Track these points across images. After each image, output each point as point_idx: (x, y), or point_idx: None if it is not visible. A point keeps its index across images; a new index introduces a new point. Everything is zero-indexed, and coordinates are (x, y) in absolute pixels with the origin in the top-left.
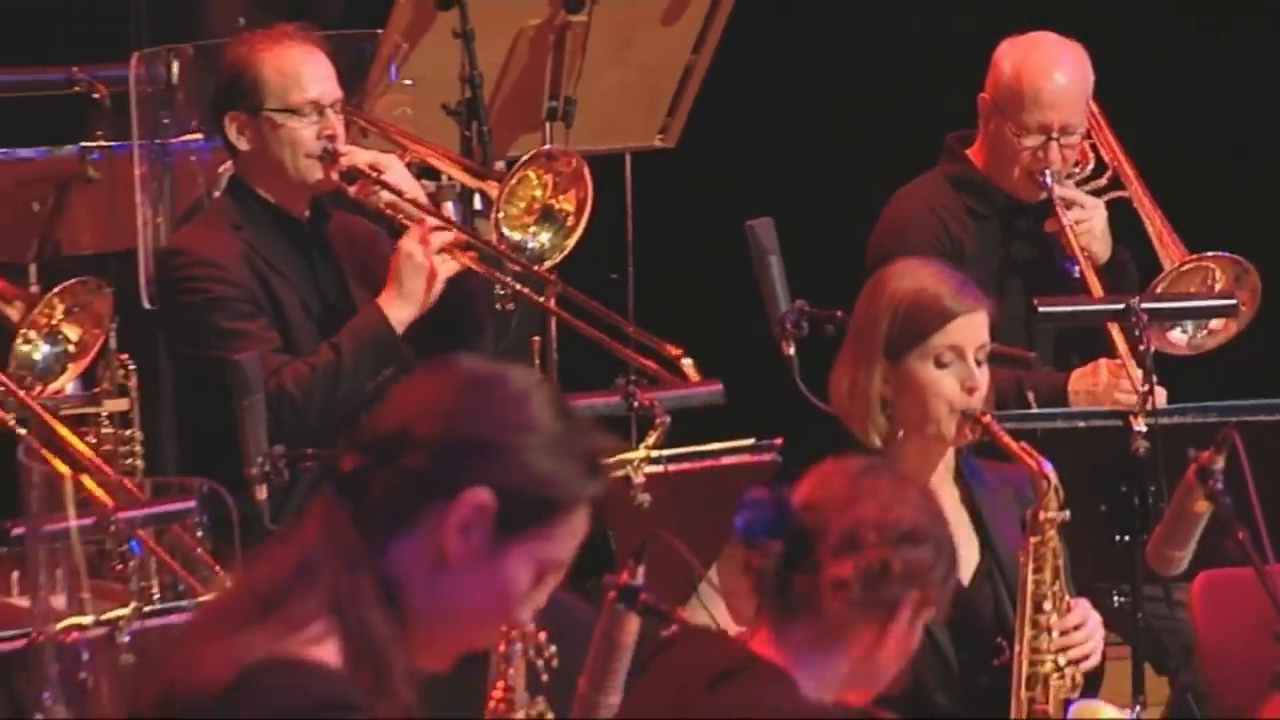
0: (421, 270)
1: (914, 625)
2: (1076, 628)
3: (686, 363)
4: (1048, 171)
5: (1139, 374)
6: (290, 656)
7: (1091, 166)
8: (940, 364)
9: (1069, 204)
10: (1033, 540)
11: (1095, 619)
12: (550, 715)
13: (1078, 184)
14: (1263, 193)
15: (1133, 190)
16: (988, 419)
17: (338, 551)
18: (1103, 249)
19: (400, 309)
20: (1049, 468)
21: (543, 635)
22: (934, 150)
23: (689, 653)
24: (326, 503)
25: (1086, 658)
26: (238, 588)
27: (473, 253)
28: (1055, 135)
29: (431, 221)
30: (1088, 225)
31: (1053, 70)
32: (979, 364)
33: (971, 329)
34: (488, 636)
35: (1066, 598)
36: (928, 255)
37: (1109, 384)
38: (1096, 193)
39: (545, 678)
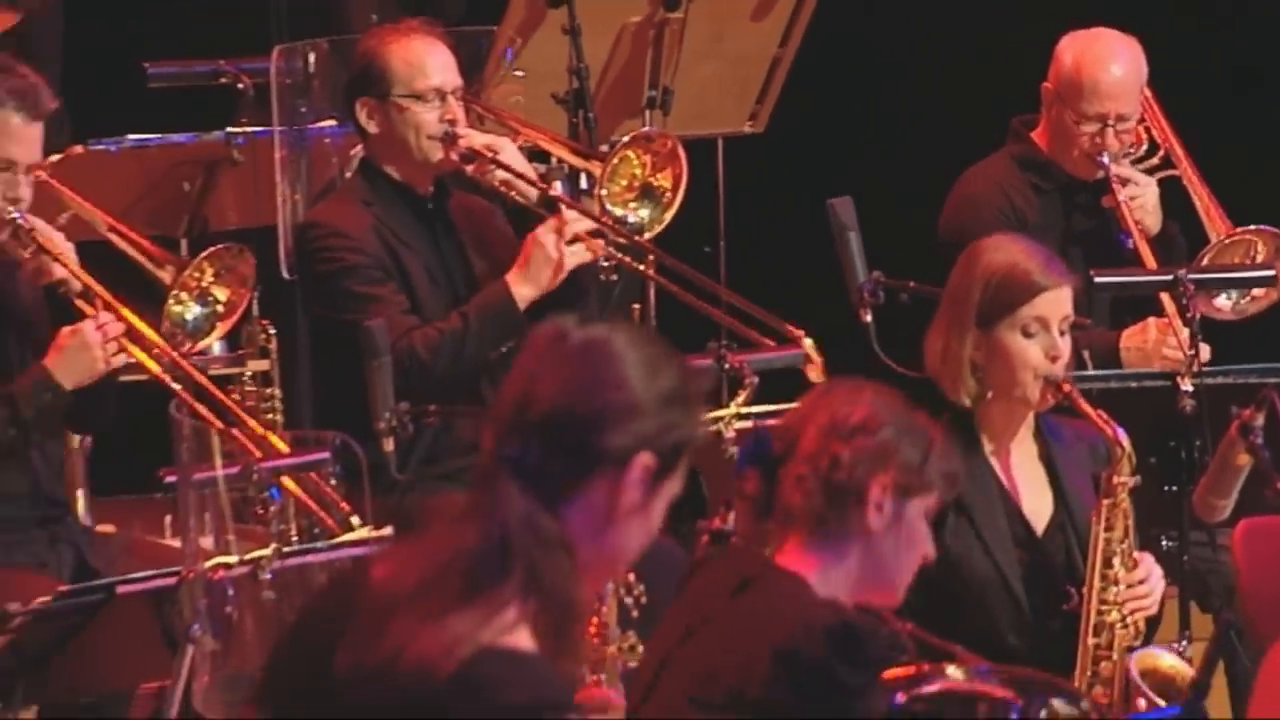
0: (551, 260)
1: (906, 514)
2: (1141, 582)
3: (776, 322)
4: (1105, 153)
5: (1185, 332)
6: (503, 648)
7: (1145, 147)
8: (1027, 334)
9: (1124, 181)
10: (1105, 502)
11: (1158, 574)
12: (640, 647)
13: (1133, 163)
14: None
15: (1182, 169)
16: (1069, 386)
17: (528, 531)
18: (1154, 222)
19: (525, 288)
20: (1123, 436)
21: (631, 575)
22: (998, 134)
23: (717, 569)
24: (507, 488)
25: (1147, 609)
26: (432, 569)
27: (601, 240)
28: (1111, 122)
29: (570, 214)
30: (1140, 201)
31: (1110, 64)
32: (1062, 334)
33: (1057, 302)
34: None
35: (1133, 554)
36: (995, 227)
37: (1157, 341)
38: (1149, 171)
39: (635, 614)
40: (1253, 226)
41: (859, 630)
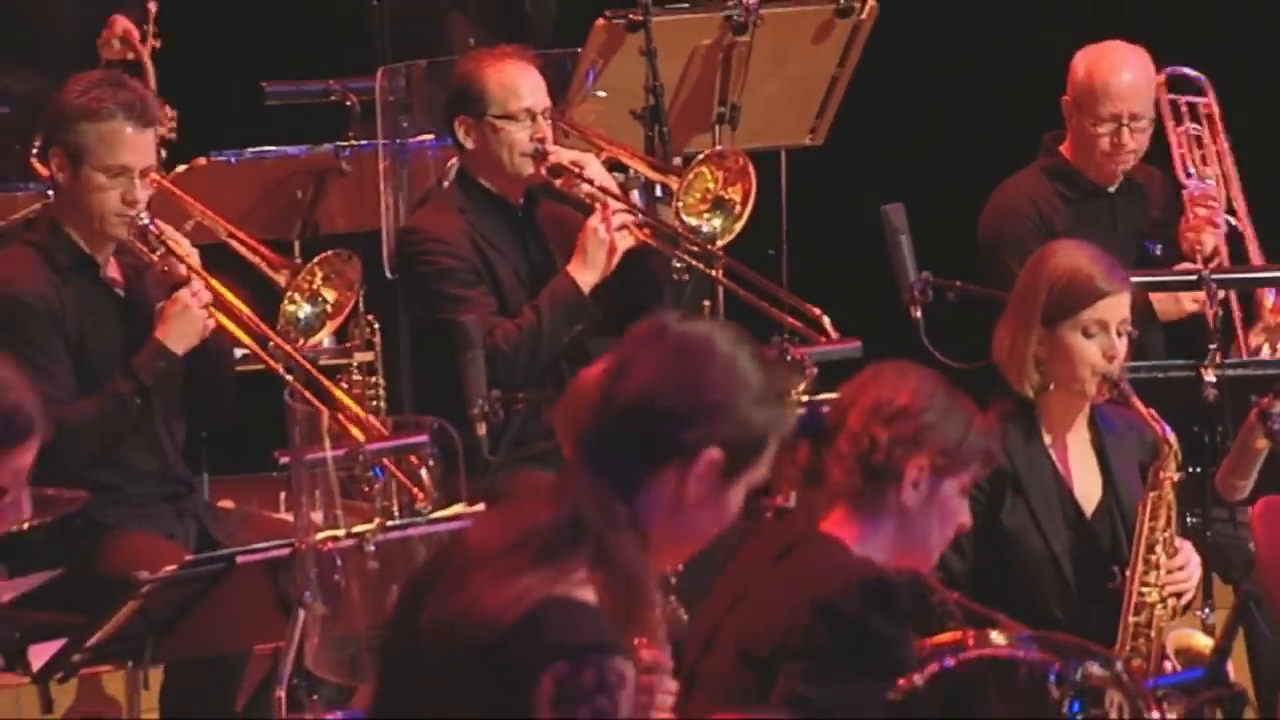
0: (603, 244)
1: (940, 490)
2: (1181, 568)
3: (826, 321)
4: (1124, 153)
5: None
6: (564, 597)
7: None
8: (1088, 334)
9: (1204, 201)
10: (1151, 494)
11: (1195, 561)
12: (683, 613)
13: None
14: None
15: (1233, 193)
16: (1124, 385)
17: (600, 511)
18: (1209, 248)
19: (585, 274)
20: (1171, 434)
21: None
22: (1035, 146)
23: (764, 538)
24: (586, 471)
25: (1186, 592)
26: (513, 537)
27: (647, 230)
28: (1125, 122)
29: (614, 205)
30: (1202, 242)
31: (1119, 68)
32: (1119, 335)
33: (1116, 307)
34: (704, 548)
35: (1174, 542)
36: (1024, 233)
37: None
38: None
39: (673, 580)
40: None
41: (892, 584)
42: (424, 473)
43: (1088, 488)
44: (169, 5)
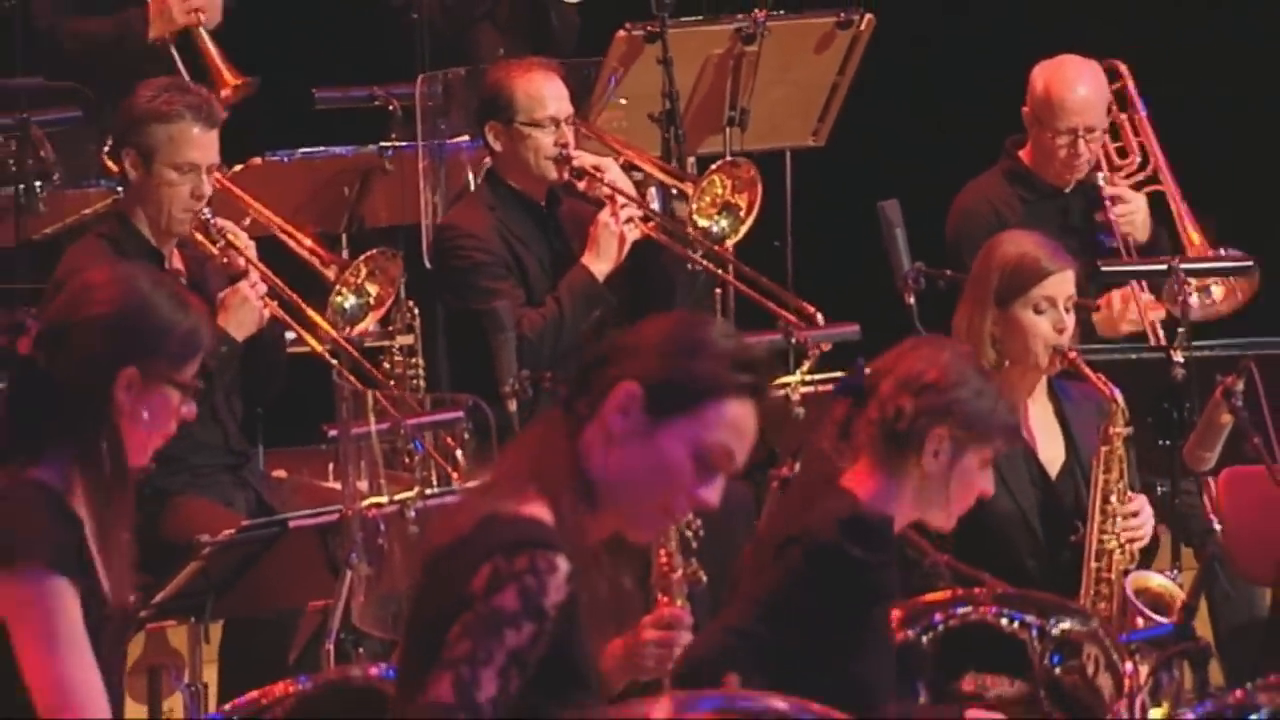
0: (614, 236)
1: (961, 460)
2: (1135, 515)
3: (820, 318)
4: (1100, 175)
5: (1146, 298)
6: (507, 512)
7: (1139, 160)
8: (1038, 311)
9: (1115, 199)
10: (1104, 449)
11: (1148, 510)
12: (703, 575)
13: (1127, 176)
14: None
15: (1165, 183)
16: (1073, 354)
17: (544, 441)
18: (1143, 234)
19: (599, 264)
20: (1118, 394)
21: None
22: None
23: (795, 490)
24: (550, 415)
25: (1140, 538)
26: (484, 478)
27: (652, 223)
28: (1081, 134)
29: (620, 200)
30: (1130, 217)
31: (1075, 85)
32: (1067, 310)
33: (1063, 284)
34: (667, 510)
35: (1129, 493)
36: (983, 234)
37: (1120, 310)
38: (1138, 186)
39: (695, 544)
40: (1222, 250)
41: (867, 517)
42: (459, 450)
43: (1051, 452)
44: (227, 19)
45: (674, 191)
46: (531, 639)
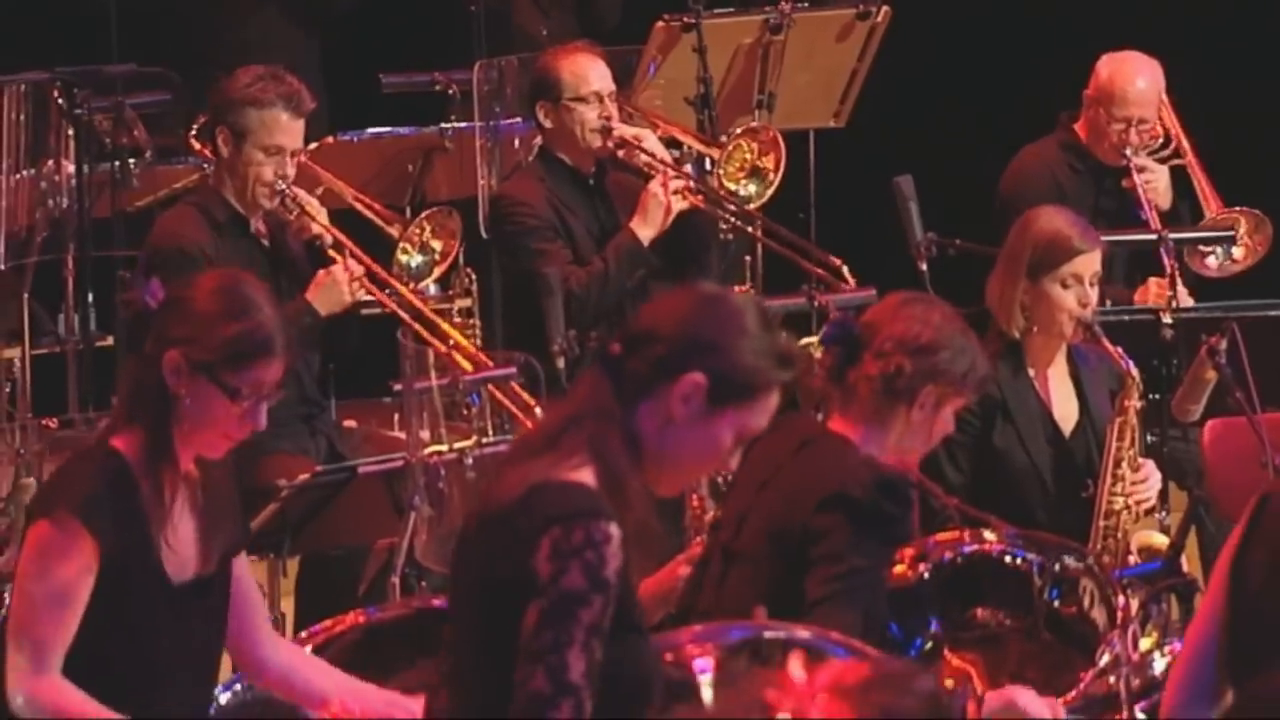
0: (661, 205)
1: (941, 410)
2: (1144, 481)
3: (845, 270)
4: (1128, 146)
5: (1182, 290)
6: (561, 479)
7: (1161, 140)
8: (1065, 286)
9: (1141, 169)
10: (1118, 419)
11: (1156, 476)
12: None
13: (1150, 154)
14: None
15: (1187, 159)
16: (1096, 328)
17: (598, 410)
18: (1165, 201)
19: (645, 230)
20: (1134, 369)
21: None
22: (1019, 129)
23: (779, 433)
24: (595, 376)
25: (1147, 500)
26: (530, 431)
27: (700, 196)
28: (1135, 124)
29: (671, 173)
30: (1154, 184)
31: (1136, 79)
32: (1092, 286)
33: (1090, 262)
34: (700, 475)
35: (1138, 459)
36: (1040, 193)
37: (1156, 296)
38: (1163, 160)
39: (724, 489)
40: (1237, 208)
41: (894, 478)
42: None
43: (1066, 412)
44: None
45: (707, 166)
46: (602, 609)
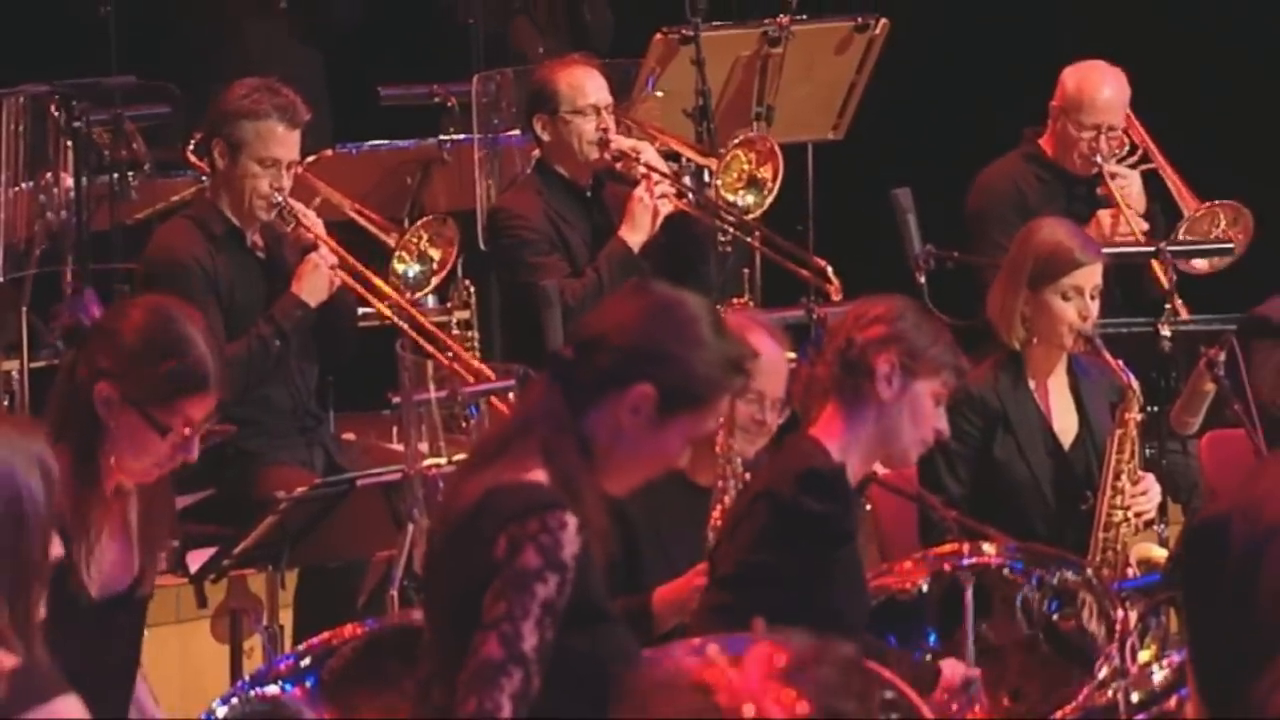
0: (648, 209)
1: (910, 390)
2: (1144, 494)
3: (829, 270)
4: (1098, 155)
5: (1133, 216)
6: (515, 480)
7: (1127, 148)
8: (1065, 298)
9: (1114, 176)
10: (1118, 432)
11: (1156, 489)
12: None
13: (1118, 162)
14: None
15: (1157, 162)
16: (1096, 340)
17: (548, 416)
18: (1140, 205)
19: (634, 236)
20: (1134, 381)
21: None
22: (1016, 140)
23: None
24: (546, 381)
25: (1147, 513)
26: (482, 439)
27: (684, 200)
28: (1104, 130)
29: (655, 178)
30: (1127, 189)
31: (1103, 87)
32: (1092, 298)
33: (1091, 275)
34: (652, 476)
35: (1138, 472)
36: (1004, 207)
37: (1111, 227)
38: (1132, 166)
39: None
40: (1215, 201)
41: (823, 471)
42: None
43: (1066, 424)
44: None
45: (706, 177)
46: (558, 589)
